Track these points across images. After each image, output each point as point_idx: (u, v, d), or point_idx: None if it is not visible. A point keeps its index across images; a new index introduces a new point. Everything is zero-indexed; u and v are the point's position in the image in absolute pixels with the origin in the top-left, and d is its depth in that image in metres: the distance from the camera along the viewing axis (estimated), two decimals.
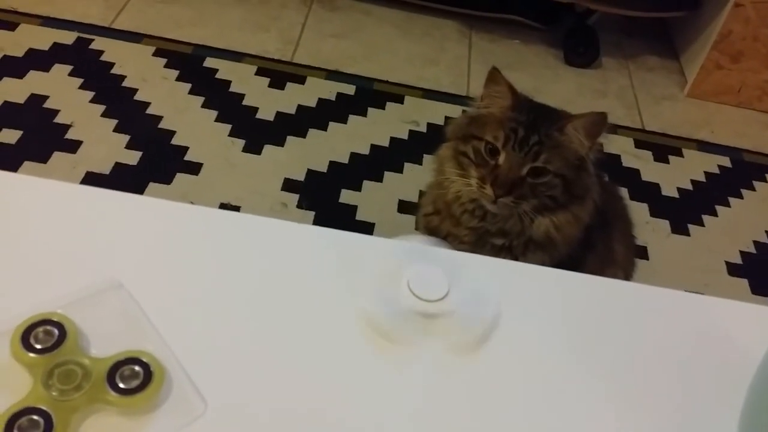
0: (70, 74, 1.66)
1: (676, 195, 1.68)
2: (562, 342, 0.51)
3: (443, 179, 0.98)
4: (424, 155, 1.64)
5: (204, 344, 0.46)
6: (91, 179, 1.43)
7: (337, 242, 0.56)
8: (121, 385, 0.42)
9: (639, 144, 1.79)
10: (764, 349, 0.42)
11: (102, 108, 1.59)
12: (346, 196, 1.50)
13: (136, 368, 0.43)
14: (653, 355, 0.51)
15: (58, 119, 1.54)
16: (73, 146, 1.49)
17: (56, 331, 0.44)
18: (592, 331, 0.52)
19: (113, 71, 1.69)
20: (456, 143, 0.98)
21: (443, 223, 1.01)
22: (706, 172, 1.76)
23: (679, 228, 1.60)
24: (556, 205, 0.92)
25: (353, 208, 1.48)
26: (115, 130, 1.54)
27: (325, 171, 1.56)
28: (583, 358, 0.50)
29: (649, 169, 1.73)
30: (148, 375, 0.43)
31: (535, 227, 0.93)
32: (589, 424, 0.46)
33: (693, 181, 1.74)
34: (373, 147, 1.64)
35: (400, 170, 1.60)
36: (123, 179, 1.44)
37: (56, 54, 1.70)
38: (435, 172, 1.03)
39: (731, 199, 1.71)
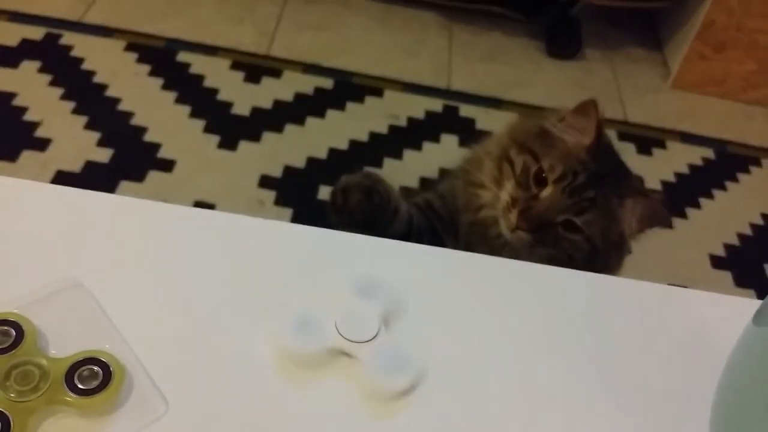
0: (39, 71, 1.61)
1: (659, 187, 1.67)
2: (540, 336, 0.50)
3: (477, 179, 0.87)
4: (404, 150, 1.62)
5: (167, 344, 0.45)
6: (62, 178, 1.39)
7: (313, 240, 0.54)
8: (80, 386, 0.41)
9: (622, 136, 1.78)
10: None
11: (72, 105, 1.55)
12: (325, 193, 1.47)
13: (95, 368, 0.42)
14: (632, 347, 0.50)
15: (27, 117, 1.50)
16: (43, 144, 1.45)
17: (13, 332, 0.43)
18: (571, 325, 0.51)
19: (83, 67, 1.65)
20: (510, 146, 0.86)
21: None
22: (689, 164, 1.75)
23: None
24: (570, 265, 0.81)
25: None
26: (85, 128, 1.51)
27: (303, 167, 1.53)
28: (562, 352, 0.49)
29: (633, 161, 1.67)
30: (107, 375, 0.41)
31: None
32: (565, 415, 0.45)
33: (676, 174, 1.73)
34: (352, 142, 1.61)
35: (379, 165, 1.57)
36: (94, 177, 1.41)
37: (24, 50, 1.66)
38: (469, 167, 0.91)
39: (715, 191, 1.70)
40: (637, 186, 0.88)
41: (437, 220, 0.96)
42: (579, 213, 0.80)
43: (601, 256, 0.83)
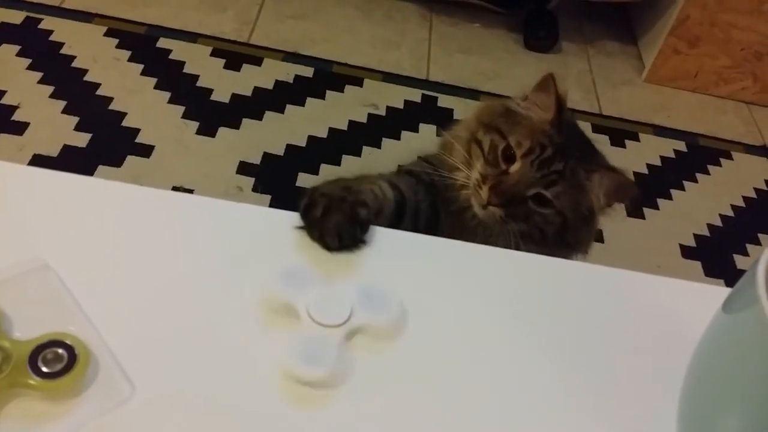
0: (18, 54, 1.60)
1: (631, 178, 1.69)
2: (509, 321, 0.50)
3: (449, 163, 0.87)
4: (383, 138, 1.63)
5: (133, 327, 0.45)
6: (39, 162, 1.39)
7: (287, 223, 0.53)
8: (44, 369, 0.40)
9: (596, 128, 1.80)
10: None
11: (50, 89, 1.54)
12: (304, 180, 1.48)
13: (60, 351, 0.41)
14: (602, 334, 0.51)
15: (5, 100, 1.49)
16: (20, 128, 1.45)
17: None
18: (541, 311, 0.51)
19: (62, 51, 1.64)
20: (478, 127, 0.87)
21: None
22: (661, 156, 1.78)
23: (635, 211, 1.62)
24: (543, 241, 0.83)
25: None
26: (63, 112, 1.50)
27: (282, 154, 1.54)
28: (531, 337, 0.49)
29: (606, 153, 1.71)
30: (72, 358, 0.41)
31: None
32: (532, 399, 0.46)
33: (649, 165, 1.75)
34: (332, 130, 1.62)
35: (358, 154, 1.58)
36: (72, 162, 1.40)
37: (4, 34, 1.64)
38: (441, 152, 0.90)
39: (686, 183, 1.73)
40: (604, 161, 0.88)
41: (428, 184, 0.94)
42: (548, 186, 0.81)
43: (572, 230, 0.84)
